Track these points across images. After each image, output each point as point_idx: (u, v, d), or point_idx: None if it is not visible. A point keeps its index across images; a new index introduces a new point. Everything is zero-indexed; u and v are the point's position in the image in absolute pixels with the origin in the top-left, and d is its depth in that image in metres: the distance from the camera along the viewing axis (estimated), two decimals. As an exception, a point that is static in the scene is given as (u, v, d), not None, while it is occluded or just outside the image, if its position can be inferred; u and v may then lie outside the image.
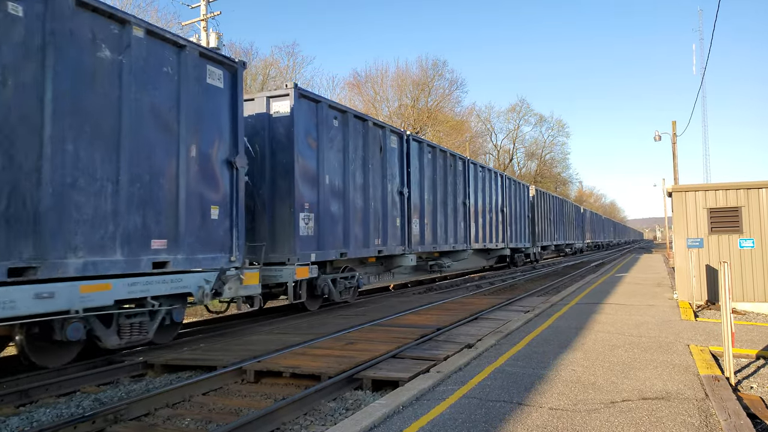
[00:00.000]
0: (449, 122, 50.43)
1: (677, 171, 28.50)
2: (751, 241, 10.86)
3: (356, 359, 6.57)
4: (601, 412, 4.62)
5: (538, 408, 4.72)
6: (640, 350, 6.99)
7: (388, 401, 4.84)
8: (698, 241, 11.23)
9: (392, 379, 5.85)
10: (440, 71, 50.23)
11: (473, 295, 14.29)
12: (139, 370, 6.89)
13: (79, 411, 5.42)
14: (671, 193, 11.83)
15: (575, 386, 5.37)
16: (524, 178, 63.17)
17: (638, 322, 9.15)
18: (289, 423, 4.94)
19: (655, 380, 5.55)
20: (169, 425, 4.96)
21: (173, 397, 5.59)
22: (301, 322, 10.02)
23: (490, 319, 10.00)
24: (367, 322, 9.64)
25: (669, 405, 4.76)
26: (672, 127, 29.21)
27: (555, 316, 9.87)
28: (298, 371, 6.18)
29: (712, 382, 5.40)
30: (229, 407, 5.42)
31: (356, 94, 47.52)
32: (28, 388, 5.84)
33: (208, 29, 24.02)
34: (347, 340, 7.86)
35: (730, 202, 11.10)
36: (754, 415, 4.85)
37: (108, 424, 4.87)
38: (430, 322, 9.52)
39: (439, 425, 4.33)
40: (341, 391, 5.79)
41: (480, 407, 4.75)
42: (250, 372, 6.37)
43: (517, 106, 73.21)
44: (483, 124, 68.50)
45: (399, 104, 47.81)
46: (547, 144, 77.67)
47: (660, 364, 6.25)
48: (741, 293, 10.76)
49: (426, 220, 15.88)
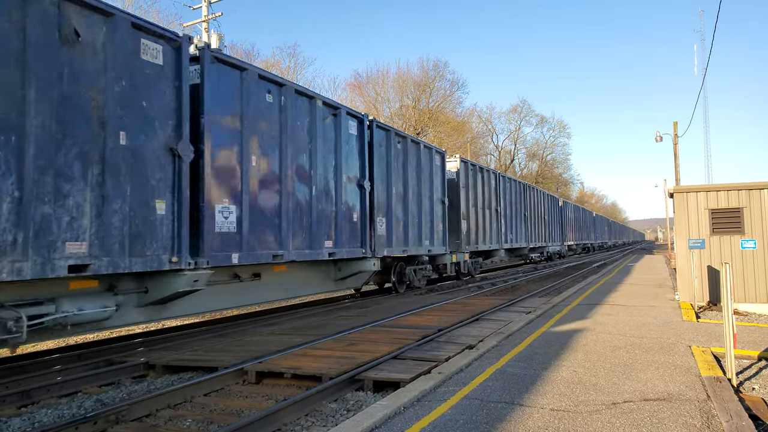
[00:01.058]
0: (450, 123, 50.46)
1: (678, 172, 28.48)
2: (753, 242, 10.85)
3: (357, 360, 6.57)
4: (602, 413, 4.61)
5: (540, 409, 4.72)
6: (642, 351, 6.98)
7: (389, 402, 4.84)
8: (700, 242, 11.21)
9: (393, 380, 5.85)
10: (441, 72, 50.38)
11: (475, 296, 14.28)
12: (140, 371, 6.90)
13: (80, 412, 5.42)
14: (673, 194, 11.82)
15: (577, 387, 5.36)
16: (525, 178, 63.11)
17: (640, 323, 9.14)
18: (291, 424, 4.94)
19: (657, 381, 5.55)
20: (170, 426, 4.96)
21: (175, 398, 5.59)
22: (302, 323, 10.02)
23: (491, 320, 10.00)
24: (368, 323, 9.63)
25: (670, 406, 4.76)
26: (673, 128, 29.20)
27: (556, 317, 9.87)
28: (299, 372, 6.18)
29: (714, 383, 5.39)
30: (231, 408, 5.43)
31: (357, 95, 47.68)
32: (30, 389, 5.85)
33: (210, 30, 24.05)
34: (348, 341, 7.86)
35: (731, 202, 11.08)
36: (756, 416, 4.84)
37: (109, 424, 4.87)
38: (432, 323, 9.51)
39: (441, 426, 4.33)
40: (342, 392, 5.79)
41: (481, 408, 4.75)
42: (251, 373, 6.37)
43: (518, 107, 73.38)
44: (484, 125, 68.65)
45: (400, 105, 47.93)
46: (548, 145, 77.77)
47: (661, 365, 6.25)
48: (743, 294, 10.75)
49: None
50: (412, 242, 14.83)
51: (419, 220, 15.30)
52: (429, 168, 16.17)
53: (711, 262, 11.11)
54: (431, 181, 16.25)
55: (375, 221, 12.87)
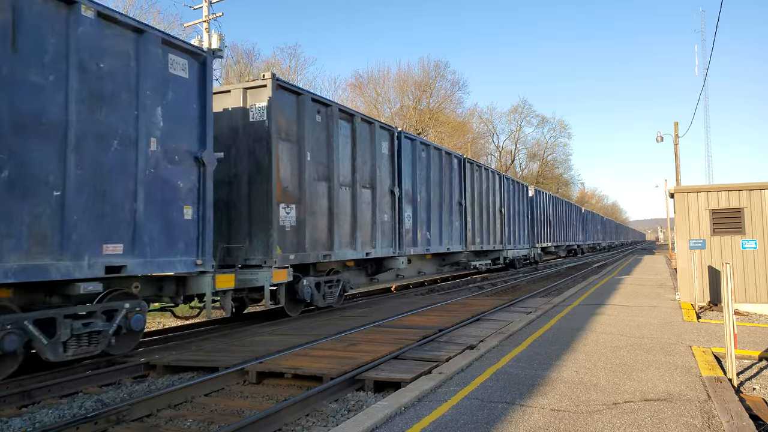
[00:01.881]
0: (451, 123, 50.44)
1: (679, 172, 28.47)
2: (754, 242, 10.84)
3: (358, 360, 6.57)
4: (603, 413, 4.61)
5: (540, 409, 4.72)
6: (643, 351, 6.98)
7: (390, 402, 4.84)
8: (700, 242, 11.21)
9: (394, 380, 5.85)
10: (442, 72, 50.32)
11: (475, 297, 14.29)
12: (141, 371, 6.90)
13: (81, 412, 5.42)
14: (673, 195, 11.81)
15: (577, 387, 5.36)
16: (526, 179, 63.12)
17: (640, 324, 9.14)
18: (291, 424, 4.94)
19: (658, 381, 5.55)
20: (171, 426, 4.96)
21: (175, 398, 5.60)
22: (303, 323, 10.02)
23: (492, 320, 10.00)
24: (368, 323, 9.64)
25: (671, 406, 4.76)
26: (674, 128, 29.18)
27: (557, 318, 9.86)
28: (300, 372, 6.18)
29: (715, 383, 5.39)
30: (231, 408, 5.43)
31: (358, 95, 47.62)
32: (31, 389, 5.86)
33: (210, 31, 24.07)
34: (349, 341, 7.87)
35: (732, 203, 11.08)
36: (757, 416, 4.84)
37: (110, 424, 4.88)
38: (432, 323, 9.51)
39: (441, 426, 4.33)
40: (343, 392, 5.79)
41: (482, 408, 4.75)
42: (252, 373, 6.37)
43: (519, 107, 73.24)
44: (485, 125, 68.56)
45: (401, 105, 47.86)
46: (549, 145, 77.68)
47: (662, 365, 6.24)
48: (743, 294, 10.74)
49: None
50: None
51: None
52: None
53: (712, 262, 11.10)
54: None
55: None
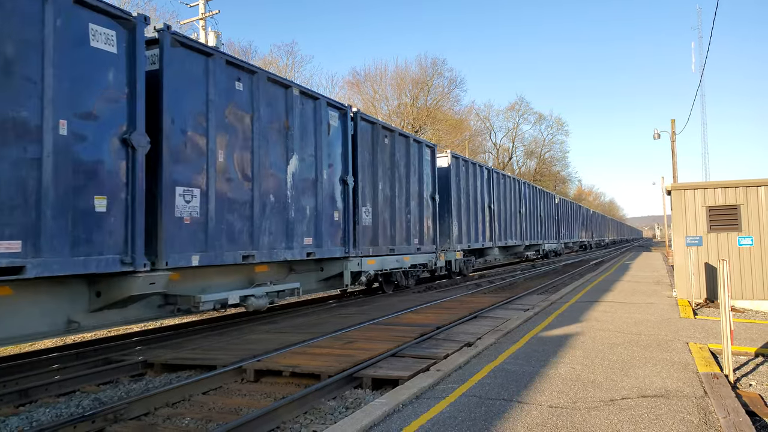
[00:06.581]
0: (448, 121, 50.47)
1: (676, 169, 28.55)
2: (750, 239, 10.88)
3: (356, 358, 6.57)
4: (600, 409, 4.62)
5: (538, 406, 4.73)
6: (640, 348, 7.00)
7: (388, 400, 4.84)
8: (697, 239, 11.24)
9: (392, 377, 5.85)
10: (439, 70, 50.38)
11: (473, 294, 14.29)
12: (138, 370, 6.89)
13: (78, 410, 5.41)
14: (670, 192, 11.84)
15: (575, 384, 5.38)
16: (524, 176, 63.17)
17: (637, 320, 9.16)
18: (289, 422, 4.94)
19: (655, 378, 5.56)
20: (168, 424, 4.95)
21: (173, 397, 5.59)
22: (301, 321, 10.01)
23: (489, 317, 10.01)
24: (366, 320, 9.64)
25: (668, 403, 4.77)
26: (671, 125, 29.26)
27: (554, 314, 9.88)
28: (297, 370, 6.18)
29: (711, 379, 5.41)
30: (229, 406, 5.42)
31: (356, 92, 47.61)
32: (28, 388, 5.84)
33: (207, 28, 24.00)
34: (347, 339, 7.87)
35: (729, 200, 11.11)
36: (753, 412, 4.86)
37: (108, 423, 4.87)
38: (430, 320, 9.52)
39: (439, 423, 4.33)
40: (341, 390, 5.79)
41: (480, 405, 4.76)
42: (249, 371, 6.37)
43: (516, 105, 73.44)
44: (482, 123, 68.64)
45: (398, 103, 47.88)
46: (546, 142, 77.84)
47: (659, 361, 6.26)
48: (740, 291, 10.78)
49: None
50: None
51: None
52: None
53: (708, 259, 11.14)
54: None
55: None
